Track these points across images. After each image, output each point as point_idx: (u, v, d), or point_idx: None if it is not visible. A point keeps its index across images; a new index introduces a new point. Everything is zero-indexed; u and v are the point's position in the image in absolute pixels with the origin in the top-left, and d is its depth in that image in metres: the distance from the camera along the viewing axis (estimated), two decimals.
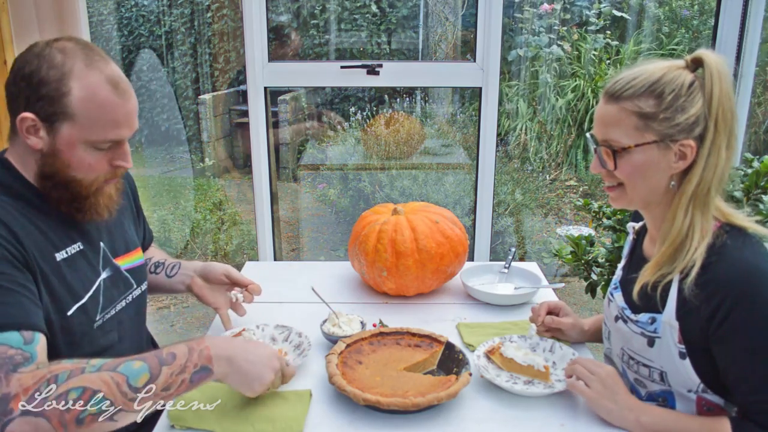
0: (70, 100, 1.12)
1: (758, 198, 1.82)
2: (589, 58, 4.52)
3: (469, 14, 4.14)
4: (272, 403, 1.22)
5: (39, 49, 1.15)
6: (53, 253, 1.18)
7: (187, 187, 4.74)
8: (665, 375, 1.20)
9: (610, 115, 1.17)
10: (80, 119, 1.13)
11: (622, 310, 1.28)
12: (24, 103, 1.13)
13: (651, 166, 1.15)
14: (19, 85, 1.13)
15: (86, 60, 1.14)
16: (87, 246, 1.27)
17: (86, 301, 1.23)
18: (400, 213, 1.72)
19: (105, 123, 1.15)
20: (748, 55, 2.21)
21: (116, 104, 1.15)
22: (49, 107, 1.12)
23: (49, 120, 1.13)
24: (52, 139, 1.14)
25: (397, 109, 4.34)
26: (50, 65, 1.12)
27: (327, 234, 4.38)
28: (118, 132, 1.17)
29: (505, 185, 4.20)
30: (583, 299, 3.64)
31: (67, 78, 1.12)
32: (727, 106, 1.11)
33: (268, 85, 2.24)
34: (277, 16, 4.35)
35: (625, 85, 1.15)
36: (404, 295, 1.71)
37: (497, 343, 1.38)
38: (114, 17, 4.70)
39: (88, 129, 1.14)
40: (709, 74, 1.11)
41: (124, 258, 1.38)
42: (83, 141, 1.15)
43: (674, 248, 1.15)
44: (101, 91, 1.13)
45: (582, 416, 1.21)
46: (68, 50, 1.14)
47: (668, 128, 1.12)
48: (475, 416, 1.20)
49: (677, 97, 1.12)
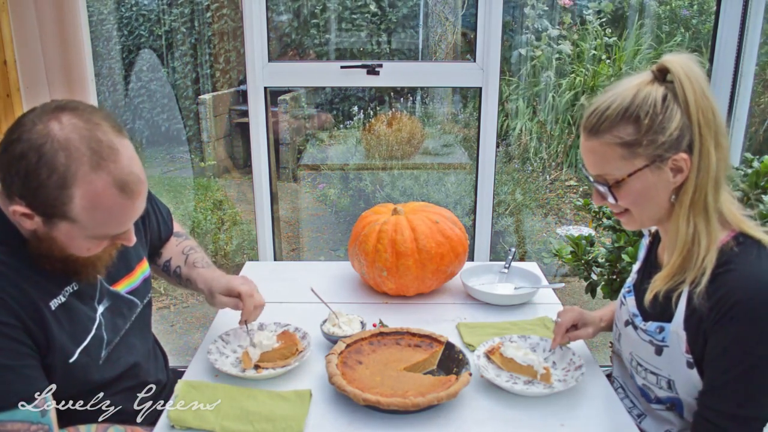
0: (71, 208, 1.02)
1: (758, 198, 1.82)
2: (589, 57, 4.52)
3: (469, 14, 4.14)
4: (272, 403, 1.22)
5: (36, 136, 0.99)
6: (48, 302, 1.12)
7: (187, 187, 4.74)
8: (673, 383, 1.19)
9: (595, 151, 1.15)
10: (82, 223, 1.05)
11: (633, 316, 1.27)
12: (19, 195, 1.03)
13: (650, 188, 1.13)
14: (12, 177, 1.01)
15: (92, 160, 1.01)
16: (81, 283, 1.20)
17: (89, 342, 1.20)
18: (400, 213, 1.72)
19: (109, 225, 1.08)
20: (748, 55, 2.21)
21: (123, 207, 1.06)
22: (48, 210, 1.03)
23: (47, 217, 1.04)
24: (47, 229, 1.06)
25: (398, 109, 4.35)
26: (51, 168, 0.99)
27: (327, 234, 4.38)
28: (121, 228, 1.11)
29: (505, 185, 4.20)
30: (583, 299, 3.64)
31: (69, 185, 1.00)
32: (705, 106, 1.08)
33: (268, 85, 2.24)
34: (277, 16, 4.35)
35: (600, 117, 1.12)
36: (404, 295, 1.71)
37: (497, 343, 1.38)
38: (114, 17, 4.69)
39: (90, 230, 1.07)
40: (678, 81, 1.09)
41: (124, 281, 1.32)
42: (83, 236, 1.08)
43: (683, 258, 1.13)
44: (107, 198, 1.03)
45: (582, 416, 1.21)
46: (72, 146, 1.00)
47: (655, 150, 1.10)
48: (475, 416, 1.20)
49: (654, 116, 1.09)
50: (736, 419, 1.08)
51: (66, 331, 1.15)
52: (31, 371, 1.08)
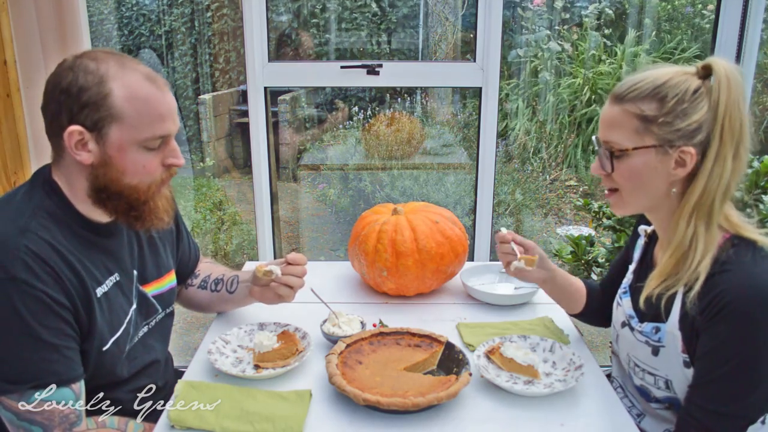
0: (113, 100, 1.10)
1: (758, 198, 1.82)
2: (588, 57, 4.52)
3: (469, 14, 4.14)
4: (272, 403, 1.22)
5: (69, 63, 1.13)
6: (95, 289, 1.18)
7: (187, 187, 4.74)
8: (670, 383, 1.19)
9: (613, 116, 1.15)
10: (127, 118, 1.12)
11: (629, 318, 1.27)
12: (67, 117, 1.11)
13: (648, 171, 1.13)
14: (58, 99, 1.11)
15: (119, 62, 1.14)
16: (122, 275, 1.27)
17: (120, 333, 1.24)
18: (400, 213, 1.72)
19: (152, 118, 1.14)
20: (748, 55, 2.21)
21: (159, 97, 1.15)
22: (94, 113, 1.10)
23: (97, 127, 1.11)
24: (102, 147, 1.13)
25: (398, 109, 4.35)
26: (86, 72, 1.11)
27: (327, 234, 4.38)
28: (164, 126, 1.16)
29: (505, 185, 4.20)
30: None
31: (105, 80, 1.11)
32: (735, 115, 1.08)
33: (268, 85, 2.24)
34: (277, 16, 4.35)
35: (631, 87, 1.13)
36: (404, 295, 1.71)
37: (497, 343, 1.38)
38: (114, 17, 4.70)
39: (136, 128, 1.12)
40: (717, 82, 1.09)
41: (153, 284, 1.37)
42: (133, 142, 1.13)
43: (677, 259, 1.13)
44: (141, 87, 1.13)
45: (582, 416, 1.21)
46: (99, 57, 1.13)
47: (668, 133, 1.10)
48: (475, 416, 1.20)
49: (680, 102, 1.09)
50: (719, 417, 1.08)
51: (106, 320, 1.19)
52: (72, 354, 1.12)
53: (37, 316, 1.06)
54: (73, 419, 1.11)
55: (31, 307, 1.05)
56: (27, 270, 1.05)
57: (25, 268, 1.05)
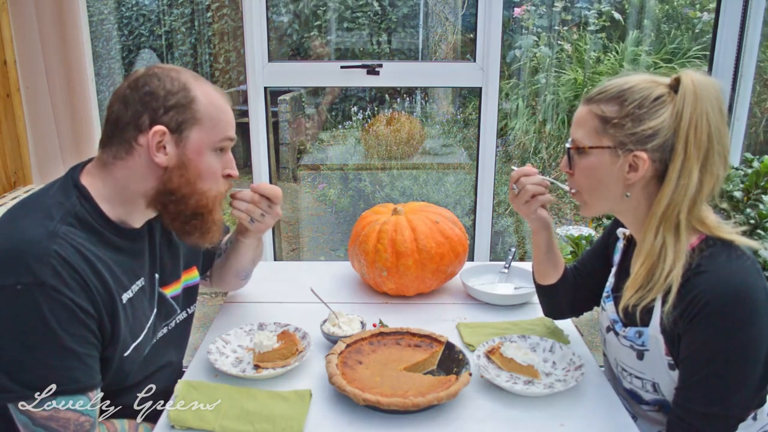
0: (198, 105, 1.18)
1: (758, 198, 1.82)
2: (589, 58, 4.52)
3: (469, 14, 4.14)
4: (272, 403, 1.22)
5: (149, 71, 1.19)
6: (121, 295, 1.17)
7: None
8: (658, 386, 1.20)
9: (580, 115, 1.19)
10: (206, 122, 1.19)
11: (613, 322, 1.28)
12: (150, 118, 1.15)
13: (603, 171, 1.16)
14: (143, 100, 1.16)
15: (192, 74, 1.23)
16: (146, 280, 1.28)
17: (142, 338, 1.25)
18: (400, 213, 1.72)
19: (224, 123, 1.23)
20: (748, 55, 2.21)
21: (227, 107, 1.26)
22: (179, 115, 1.17)
23: (179, 129, 1.17)
24: (180, 150, 1.18)
25: (398, 109, 4.34)
26: (171, 79, 1.18)
27: (327, 234, 4.38)
28: (232, 131, 1.26)
29: (505, 185, 4.20)
30: None
31: (188, 87, 1.19)
32: (701, 128, 1.08)
33: (268, 85, 2.24)
34: (277, 17, 4.35)
35: (600, 90, 1.17)
36: (404, 295, 1.71)
37: (497, 343, 1.38)
38: (114, 17, 4.69)
39: (212, 131, 1.21)
40: (681, 95, 1.09)
41: (172, 285, 1.38)
42: (209, 145, 1.21)
43: (647, 269, 1.13)
44: (216, 97, 1.23)
45: (582, 416, 1.21)
46: (175, 68, 1.22)
47: (623, 135, 1.12)
48: (475, 416, 1.21)
49: (639, 106, 1.11)
50: (706, 417, 1.08)
51: (129, 326, 1.20)
52: (92, 362, 1.12)
53: (62, 322, 1.05)
54: (87, 427, 1.11)
55: (57, 313, 1.04)
56: (56, 276, 1.04)
57: (54, 273, 1.04)
